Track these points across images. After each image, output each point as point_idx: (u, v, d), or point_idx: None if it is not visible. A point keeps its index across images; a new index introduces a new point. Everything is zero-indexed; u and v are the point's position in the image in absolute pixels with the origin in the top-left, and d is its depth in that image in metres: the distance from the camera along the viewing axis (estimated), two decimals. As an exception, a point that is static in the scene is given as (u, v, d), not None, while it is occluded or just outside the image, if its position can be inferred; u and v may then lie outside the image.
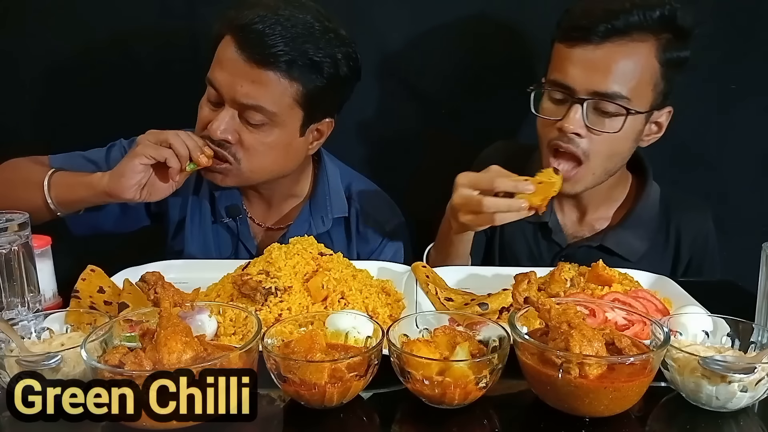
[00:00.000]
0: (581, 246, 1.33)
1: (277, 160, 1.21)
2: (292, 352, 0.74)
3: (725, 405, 0.74)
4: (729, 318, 0.82)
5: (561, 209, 1.37)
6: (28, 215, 0.93)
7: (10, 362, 0.72)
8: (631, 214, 1.32)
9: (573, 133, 1.15)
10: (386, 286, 1.06)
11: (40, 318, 0.84)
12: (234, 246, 1.34)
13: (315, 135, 1.25)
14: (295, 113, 1.16)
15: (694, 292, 1.04)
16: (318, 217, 1.32)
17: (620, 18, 1.12)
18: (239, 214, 1.32)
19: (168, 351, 0.70)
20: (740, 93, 1.57)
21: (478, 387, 0.72)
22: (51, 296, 1.01)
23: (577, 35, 1.15)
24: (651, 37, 1.14)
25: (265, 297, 0.93)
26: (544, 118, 1.21)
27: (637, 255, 1.29)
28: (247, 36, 1.10)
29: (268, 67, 1.10)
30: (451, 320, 0.86)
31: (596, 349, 0.71)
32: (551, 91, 1.19)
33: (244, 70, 1.10)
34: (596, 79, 1.13)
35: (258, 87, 1.11)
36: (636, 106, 1.15)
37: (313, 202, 1.33)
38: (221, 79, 1.13)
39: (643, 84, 1.15)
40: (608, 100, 1.14)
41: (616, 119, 1.15)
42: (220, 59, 1.14)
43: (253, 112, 1.13)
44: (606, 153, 1.19)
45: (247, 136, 1.15)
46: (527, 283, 0.78)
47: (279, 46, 1.09)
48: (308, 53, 1.11)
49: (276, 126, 1.16)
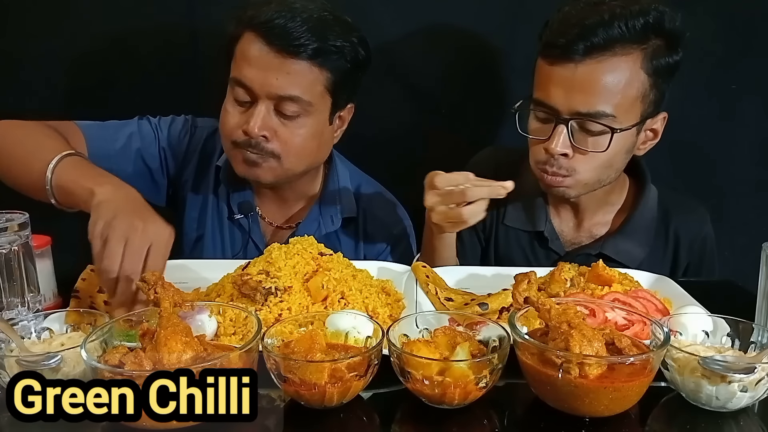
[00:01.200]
0: (580, 254, 1.29)
1: (312, 150, 1.23)
2: (292, 352, 0.74)
3: (725, 405, 0.74)
4: (729, 318, 0.82)
5: (558, 215, 1.33)
6: (27, 215, 0.93)
7: (10, 362, 0.72)
8: (630, 220, 1.29)
9: (559, 154, 1.12)
10: (386, 286, 1.06)
11: (40, 318, 0.84)
12: (244, 243, 1.35)
13: (338, 122, 1.28)
14: (325, 101, 1.19)
15: (694, 292, 1.04)
16: (327, 217, 1.33)
17: (598, 33, 1.06)
18: (251, 211, 1.33)
19: (168, 351, 0.70)
20: (740, 93, 1.57)
21: (478, 387, 0.72)
22: (51, 296, 1.01)
23: (556, 53, 1.10)
24: (636, 48, 1.08)
25: (265, 297, 0.93)
26: (531, 138, 1.18)
27: (636, 262, 1.25)
28: (272, 30, 1.11)
29: (298, 56, 1.12)
30: (451, 320, 0.86)
31: (596, 349, 0.71)
32: (536, 110, 1.16)
33: (275, 63, 1.12)
34: (579, 99, 1.08)
35: (292, 77, 1.13)
36: (623, 122, 1.11)
37: (323, 201, 1.35)
38: (252, 75, 1.14)
39: (630, 99, 1.10)
40: (592, 120, 1.09)
41: (603, 137, 1.11)
42: (246, 57, 1.15)
43: (289, 103, 1.15)
44: (597, 167, 1.15)
45: (283, 130, 1.17)
46: (527, 283, 0.78)
47: (305, 36, 1.11)
48: (329, 40, 1.14)
49: (309, 115, 1.18)
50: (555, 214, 1.33)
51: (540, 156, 1.16)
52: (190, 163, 1.35)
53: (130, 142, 1.29)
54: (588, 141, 1.12)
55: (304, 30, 1.11)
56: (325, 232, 1.32)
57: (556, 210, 1.33)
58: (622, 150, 1.16)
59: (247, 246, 1.35)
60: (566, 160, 1.13)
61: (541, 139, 1.15)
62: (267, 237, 1.37)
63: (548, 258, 1.32)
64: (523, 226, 1.33)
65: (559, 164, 1.14)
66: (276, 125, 1.17)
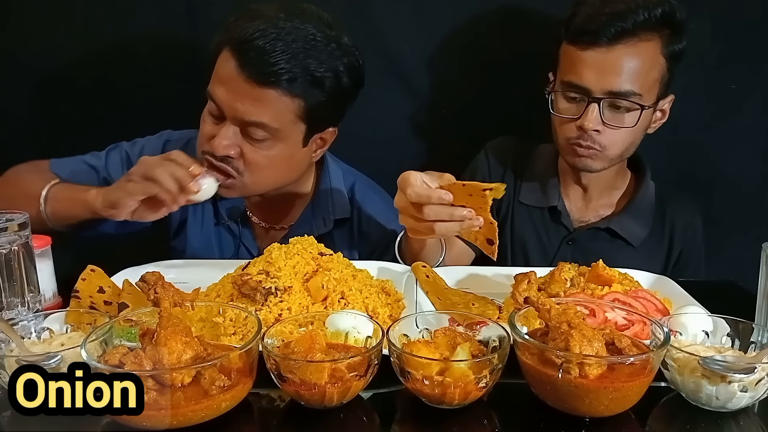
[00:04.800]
0: (589, 229, 1.40)
1: (280, 171, 1.21)
2: (292, 352, 0.74)
3: (725, 405, 0.74)
4: (729, 318, 0.82)
5: (567, 196, 1.43)
6: (27, 215, 0.93)
7: (10, 362, 0.72)
8: (632, 203, 1.40)
9: (592, 130, 1.22)
10: (386, 286, 1.06)
11: (40, 318, 0.84)
12: (236, 247, 1.34)
13: (318, 143, 1.24)
14: (297, 127, 1.15)
15: (694, 292, 1.04)
16: (319, 218, 1.31)
17: (628, 19, 1.18)
18: (241, 216, 1.32)
19: (168, 351, 0.70)
20: (740, 93, 1.57)
21: (478, 387, 0.72)
22: (51, 296, 1.01)
23: (587, 39, 1.20)
24: (655, 35, 1.21)
25: (265, 297, 0.93)
26: (563, 117, 1.26)
27: (639, 239, 1.38)
28: (247, 53, 1.07)
29: (269, 85, 1.08)
30: (451, 320, 0.86)
31: (596, 349, 0.71)
32: (566, 91, 1.25)
33: (244, 89, 1.08)
34: (610, 79, 1.19)
35: (259, 105, 1.09)
36: (647, 100, 1.22)
37: (315, 203, 1.33)
38: (221, 95, 1.11)
39: (653, 79, 1.22)
40: (623, 99, 1.21)
41: (631, 114, 1.22)
42: (219, 75, 1.12)
43: (255, 129, 1.11)
44: (623, 141, 1.26)
45: (250, 151, 1.13)
46: (527, 283, 0.78)
47: (280, 63, 1.07)
48: (309, 68, 1.09)
49: (279, 140, 1.14)
50: (565, 194, 1.43)
51: (571, 133, 1.26)
52: None
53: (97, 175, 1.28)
54: (617, 118, 1.23)
55: (281, 57, 1.06)
56: (317, 234, 1.26)
57: (566, 191, 1.43)
58: (642, 127, 1.27)
59: (238, 251, 1.33)
60: (597, 135, 1.24)
61: (571, 117, 1.25)
62: (258, 241, 1.36)
63: (558, 234, 1.42)
64: (537, 203, 1.43)
65: (592, 139, 1.24)
66: (242, 145, 1.13)
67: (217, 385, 0.68)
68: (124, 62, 1.55)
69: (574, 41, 1.23)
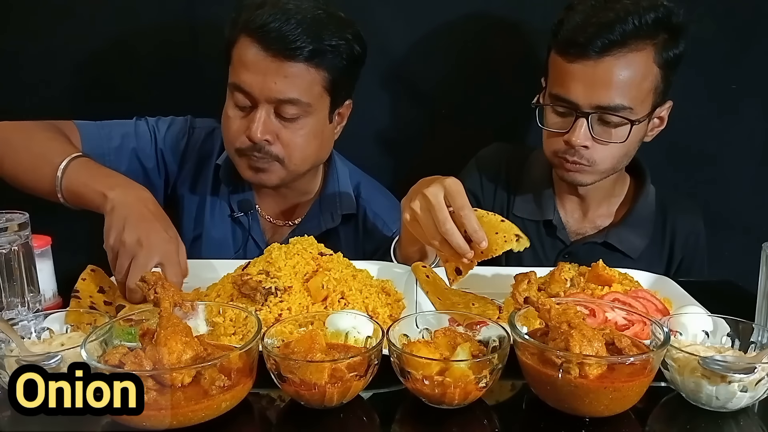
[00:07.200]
0: (585, 243, 1.35)
1: (315, 149, 1.24)
2: (292, 352, 0.74)
3: (725, 405, 0.74)
4: (729, 318, 0.82)
5: (563, 207, 1.39)
6: (27, 215, 0.93)
7: (10, 362, 0.72)
8: (632, 212, 1.35)
9: (580, 146, 1.18)
10: (386, 286, 1.06)
11: (40, 318, 0.84)
12: (244, 241, 1.36)
13: (338, 119, 1.29)
14: (324, 100, 1.20)
15: (694, 292, 1.04)
16: (327, 214, 1.34)
17: (616, 29, 1.11)
18: (251, 209, 1.34)
19: (168, 351, 0.70)
20: (740, 93, 1.57)
21: (478, 387, 0.72)
22: (51, 296, 1.01)
23: (574, 51, 1.15)
24: (648, 44, 1.14)
25: (265, 297, 0.93)
26: (551, 131, 1.22)
27: (638, 251, 1.33)
28: (268, 34, 1.12)
29: (295, 59, 1.13)
30: (451, 320, 0.86)
31: (596, 349, 0.71)
32: (554, 104, 1.21)
33: (272, 67, 1.13)
34: (599, 93, 1.14)
35: (290, 80, 1.14)
36: (640, 112, 1.17)
37: (323, 199, 1.36)
38: (251, 80, 1.14)
39: (646, 90, 1.17)
40: (613, 113, 1.15)
41: (621, 128, 1.17)
42: (244, 62, 1.15)
43: (289, 106, 1.16)
44: (614, 156, 1.22)
45: (284, 133, 1.18)
46: (527, 283, 0.78)
47: (300, 38, 1.12)
48: (324, 40, 1.14)
49: (309, 116, 1.19)
50: (561, 206, 1.38)
51: (558, 147, 1.22)
52: (188, 163, 1.36)
53: (125, 142, 1.30)
54: (607, 133, 1.18)
55: (299, 32, 1.11)
56: (325, 229, 1.32)
57: (562, 202, 1.39)
58: (636, 139, 1.22)
59: (246, 244, 1.35)
60: (586, 150, 1.19)
61: (559, 131, 1.20)
62: (267, 234, 1.38)
63: (554, 248, 1.37)
64: (532, 215, 1.38)
65: (580, 154, 1.19)
66: (277, 128, 1.18)
67: (217, 385, 0.68)
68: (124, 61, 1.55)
69: (562, 53, 1.17)
